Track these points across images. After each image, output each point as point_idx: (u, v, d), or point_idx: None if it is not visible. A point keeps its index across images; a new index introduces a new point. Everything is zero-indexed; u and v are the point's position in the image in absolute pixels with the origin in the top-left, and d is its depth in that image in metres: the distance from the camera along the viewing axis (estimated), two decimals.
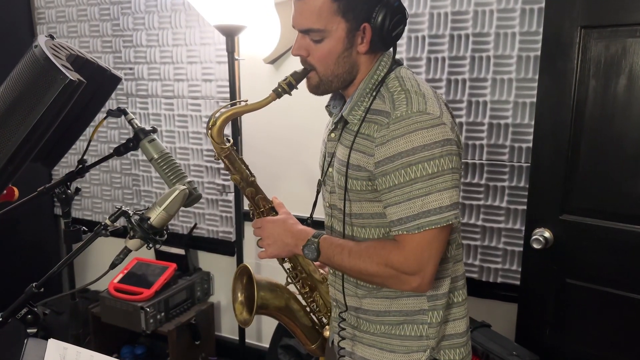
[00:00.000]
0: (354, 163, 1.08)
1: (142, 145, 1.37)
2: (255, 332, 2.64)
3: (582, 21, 1.54)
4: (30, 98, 0.99)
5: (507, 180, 1.93)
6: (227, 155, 1.21)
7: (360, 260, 1.07)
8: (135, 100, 2.67)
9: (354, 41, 1.07)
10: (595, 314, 1.66)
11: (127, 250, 1.14)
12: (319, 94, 1.16)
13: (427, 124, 1.00)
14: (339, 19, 1.05)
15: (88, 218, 2.97)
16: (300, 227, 1.19)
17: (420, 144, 0.99)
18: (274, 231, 1.19)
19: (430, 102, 1.03)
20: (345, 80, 1.12)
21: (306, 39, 1.09)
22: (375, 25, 1.05)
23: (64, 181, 1.42)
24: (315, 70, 1.11)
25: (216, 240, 2.60)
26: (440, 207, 1.00)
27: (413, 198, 1.00)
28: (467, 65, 1.91)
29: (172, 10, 2.46)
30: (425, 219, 1.00)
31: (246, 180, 1.25)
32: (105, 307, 2.44)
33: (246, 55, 2.34)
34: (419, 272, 1.03)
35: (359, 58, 1.10)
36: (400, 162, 1.00)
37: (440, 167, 1.00)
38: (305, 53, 1.10)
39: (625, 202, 1.55)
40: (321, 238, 1.13)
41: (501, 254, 1.99)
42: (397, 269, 1.04)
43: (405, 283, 1.05)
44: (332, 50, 1.07)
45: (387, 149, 1.02)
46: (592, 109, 1.58)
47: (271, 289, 1.32)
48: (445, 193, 1.00)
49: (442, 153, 1.00)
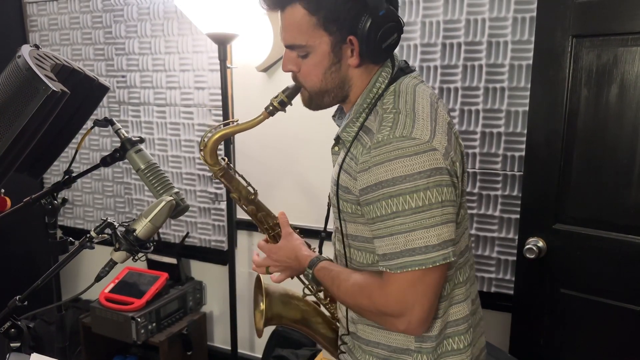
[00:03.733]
0: (343, 184, 1.01)
1: (128, 155, 1.36)
2: (248, 342, 2.61)
3: (573, 30, 1.53)
4: (12, 108, 0.98)
5: (500, 189, 1.92)
6: (223, 175, 1.20)
7: (347, 297, 1.03)
8: (127, 108, 2.65)
9: (342, 54, 1.00)
10: (590, 324, 1.65)
11: (113, 263, 1.12)
12: (312, 109, 1.10)
13: (410, 150, 0.89)
14: (321, 33, 0.98)
15: (80, 227, 2.94)
16: (299, 254, 1.14)
17: (401, 174, 0.89)
18: (279, 259, 1.17)
19: (420, 124, 0.93)
20: (337, 95, 1.05)
21: (293, 54, 1.04)
22: (362, 37, 0.97)
23: (51, 192, 1.41)
24: (304, 87, 1.06)
25: (208, 249, 2.58)
26: (426, 246, 0.89)
27: (395, 234, 0.91)
28: (459, 74, 1.91)
29: (164, 18, 2.46)
30: (408, 258, 0.90)
31: (246, 198, 1.23)
32: (95, 317, 2.40)
33: (238, 64, 2.33)
34: (402, 316, 0.93)
35: (351, 72, 1.03)
36: (382, 192, 0.91)
37: (427, 200, 0.89)
38: (296, 68, 1.05)
39: (619, 211, 1.54)
40: (315, 269, 1.09)
41: (495, 263, 1.97)
42: (380, 309, 0.96)
43: (392, 325, 0.97)
44: (318, 66, 1.01)
45: (368, 177, 0.93)
46: (585, 118, 1.57)
47: (284, 301, 1.29)
48: (432, 230, 0.89)
49: (429, 185, 0.89)
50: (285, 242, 1.18)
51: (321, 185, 2.23)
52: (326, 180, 1.33)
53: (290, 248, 1.16)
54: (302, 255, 1.14)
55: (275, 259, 1.18)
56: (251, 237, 2.50)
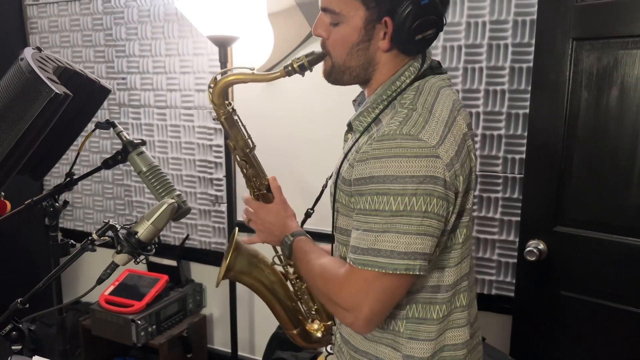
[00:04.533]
0: (343, 175, 0.98)
1: (130, 158, 1.35)
2: (248, 344, 2.61)
3: (574, 33, 1.54)
4: (15, 111, 0.98)
5: (500, 191, 1.92)
6: (226, 118, 1.14)
7: (309, 275, 1.01)
8: (127, 111, 2.65)
9: (374, 34, 0.95)
10: (590, 326, 1.65)
11: (115, 265, 1.12)
12: (330, 81, 1.04)
13: (411, 152, 0.85)
14: (358, 5, 0.93)
15: (80, 229, 2.94)
16: (289, 222, 1.13)
17: (394, 173, 0.85)
18: (265, 219, 1.15)
19: (432, 126, 0.88)
20: (358, 75, 0.99)
21: (326, 20, 0.98)
22: (397, 21, 0.91)
23: (52, 194, 1.40)
24: (330, 56, 1.00)
25: (209, 251, 2.57)
26: (392, 250, 0.86)
27: (369, 230, 0.89)
28: (459, 76, 1.91)
29: (165, 20, 2.46)
30: (372, 257, 0.88)
31: (242, 149, 1.17)
32: (95, 320, 2.40)
33: (239, 66, 2.33)
34: (351, 310, 0.91)
35: (379, 56, 0.97)
36: (371, 187, 0.88)
37: (409, 206, 0.85)
38: (325, 34, 0.99)
39: (619, 213, 1.55)
40: (297, 238, 1.08)
41: (495, 265, 1.98)
42: (331, 298, 0.95)
43: (340, 316, 0.95)
44: (347, 38, 0.95)
45: (364, 168, 0.89)
46: (585, 121, 1.57)
47: (250, 261, 1.28)
48: (403, 237, 0.86)
49: (417, 191, 0.85)
50: (278, 206, 1.16)
51: (321, 185, 2.22)
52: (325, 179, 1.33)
53: (283, 215, 1.14)
54: (291, 223, 1.13)
55: (262, 217, 1.15)
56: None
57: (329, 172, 1.33)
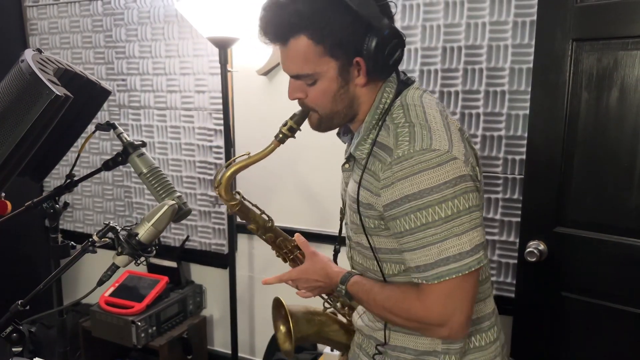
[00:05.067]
0: (364, 201, 1.02)
1: (131, 159, 1.35)
2: (249, 346, 2.61)
3: (574, 34, 1.54)
4: (16, 113, 0.98)
5: (500, 192, 1.92)
6: (239, 209, 1.20)
7: (385, 312, 1.04)
8: (127, 112, 2.65)
9: (350, 76, 1.01)
10: (591, 327, 1.65)
11: (115, 267, 1.12)
12: (322, 131, 1.11)
13: (433, 162, 0.91)
14: (328, 59, 0.99)
15: (79, 230, 2.94)
16: (328, 271, 1.14)
17: (428, 186, 0.91)
18: (307, 281, 1.16)
19: (437, 135, 0.94)
20: (346, 115, 1.06)
21: (299, 83, 1.04)
22: (368, 57, 0.98)
23: (52, 196, 1.40)
24: (315, 111, 1.07)
25: (209, 252, 2.57)
26: (460, 253, 0.91)
27: (428, 245, 0.92)
28: (459, 77, 1.91)
29: (165, 22, 2.46)
30: (444, 267, 0.92)
31: (264, 227, 1.24)
32: (95, 321, 2.40)
33: (239, 67, 2.33)
34: (445, 324, 0.95)
35: (359, 91, 1.04)
36: (409, 206, 0.92)
37: (455, 208, 0.91)
38: (302, 95, 1.05)
39: (620, 214, 1.55)
40: (348, 285, 1.09)
41: (496, 266, 1.98)
42: (421, 321, 0.97)
43: (434, 333, 0.99)
44: (327, 90, 1.02)
45: (392, 192, 0.94)
46: (585, 121, 1.57)
47: (307, 319, 1.29)
48: (464, 237, 0.91)
49: (456, 193, 0.91)
50: (311, 263, 1.17)
51: (321, 189, 2.23)
52: (326, 183, 1.33)
53: (319, 267, 1.16)
54: (332, 272, 1.14)
55: (305, 281, 1.17)
56: (251, 241, 2.49)
57: (329, 173, 1.33)
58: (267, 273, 1.28)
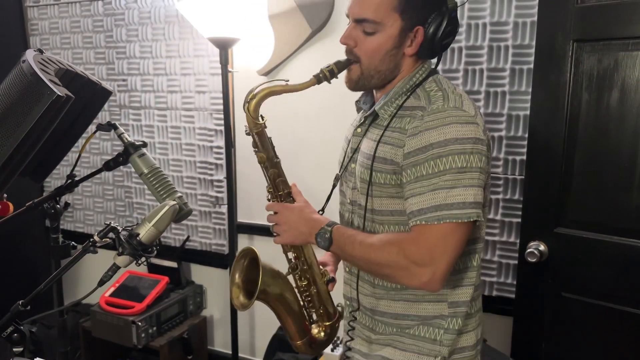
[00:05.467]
0: (381, 155, 1.08)
1: (132, 160, 1.35)
2: (249, 346, 2.61)
3: (574, 35, 1.54)
4: (17, 113, 0.98)
5: (501, 192, 1.92)
6: (258, 132, 1.19)
7: (371, 250, 1.06)
8: (128, 112, 2.65)
9: (404, 41, 1.07)
10: (591, 327, 1.65)
11: (116, 267, 1.12)
12: (356, 89, 1.15)
13: (462, 119, 1.00)
14: (396, 16, 1.05)
15: (80, 230, 2.94)
16: (315, 216, 1.17)
17: (453, 136, 0.99)
18: (290, 218, 1.17)
19: (467, 102, 1.04)
20: (385, 78, 1.11)
21: (357, 30, 1.08)
22: (428, 30, 1.06)
23: (53, 196, 1.40)
24: (360, 63, 1.10)
25: (209, 252, 2.57)
26: (463, 202, 0.99)
27: (438, 189, 1.00)
28: (460, 77, 1.91)
29: (165, 22, 2.46)
30: (447, 211, 0.99)
31: (271, 160, 1.24)
32: (96, 322, 2.40)
33: (240, 67, 2.33)
34: (430, 265, 1.00)
35: (404, 59, 1.10)
36: (432, 152, 1.00)
37: (469, 163, 0.99)
38: (353, 43, 1.09)
39: (620, 215, 1.55)
40: (334, 227, 1.12)
41: (496, 267, 1.98)
42: (409, 257, 1.01)
43: (414, 276, 1.01)
44: (382, 46, 1.07)
45: (419, 140, 1.01)
46: (586, 122, 1.58)
47: (273, 276, 1.27)
48: (470, 189, 1.00)
49: (473, 150, 1.00)
50: (301, 205, 1.20)
51: (321, 186, 2.22)
52: (327, 180, 1.33)
53: (307, 211, 1.18)
54: (318, 217, 1.17)
55: (287, 216, 1.18)
56: (252, 241, 2.50)
57: (330, 172, 1.33)
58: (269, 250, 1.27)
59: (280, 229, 1.19)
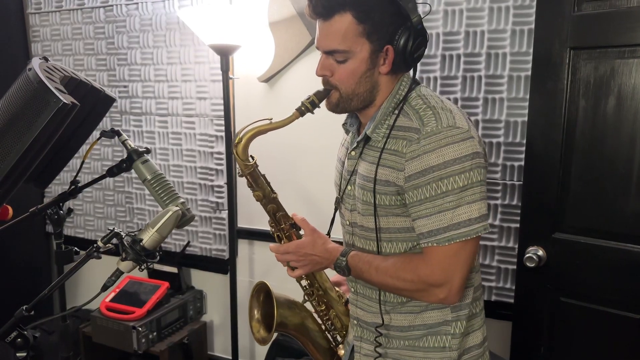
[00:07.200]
0: (382, 178, 1.10)
1: (135, 166, 1.36)
2: (249, 351, 2.61)
3: (571, 42, 1.56)
4: (23, 120, 0.99)
5: (499, 198, 1.93)
6: (250, 173, 1.23)
7: (387, 277, 1.10)
8: (129, 118, 2.67)
9: (377, 62, 1.10)
10: (590, 332, 1.66)
11: (119, 272, 1.14)
12: (337, 112, 1.17)
13: (458, 137, 1.02)
14: (364, 41, 1.07)
15: (80, 236, 2.94)
16: (329, 246, 1.19)
17: (452, 157, 1.02)
18: (306, 253, 1.19)
19: (458, 116, 1.06)
20: (365, 99, 1.14)
21: (330, 60, 1.11)
22: (397, 47, 1.08)
23: (57, 202, 1.42)
24: (338, 89, 1.13)
25: (209, 258, 2.58)
26: (469, 219, 1.02)
27: (443, 211, 1.03)
28: (459, 84, 1.93)
29: (166, 29, 2.48)
30: (455, 231, 1.02)
31: (268, 197, 1.27)
32: (96, 327, 2.40)
33: (240, 74, 2.35)
34: (445, 284, 1.05)
35: (380, 78, 1.13)
36: (432, 175, 1.02)
37: (470, 179, 1.02)
38: (329, 73, 1.13)
39: (618, 220, 1.56)
40: (349, 256, 1.16)
41: (495, 272, 1.99)
42: (424, 281, 1.06)
43: (432, 295, 1.07)
44: (356, 70, 1.10)
45: (418, 164, 1.04)
46: (583, 128, 1.59)
47: (289, 307, 1.31)
48: (474, 205, 1.03)
49: (472, 166, 1.02)
50: (313, 237, 1.21)
51: (321, 193, 2.24)
52: (326, 188, 1.34)
53: (320, 242, 1.20)
54: (332, 247, 1.19)
55: (303, 253, 1.20)
56: (252, 246, 2.51)
57: (328, 176, 1.35)
58: (268, 278, 1.29)
59: (297, 265, 1.21)
